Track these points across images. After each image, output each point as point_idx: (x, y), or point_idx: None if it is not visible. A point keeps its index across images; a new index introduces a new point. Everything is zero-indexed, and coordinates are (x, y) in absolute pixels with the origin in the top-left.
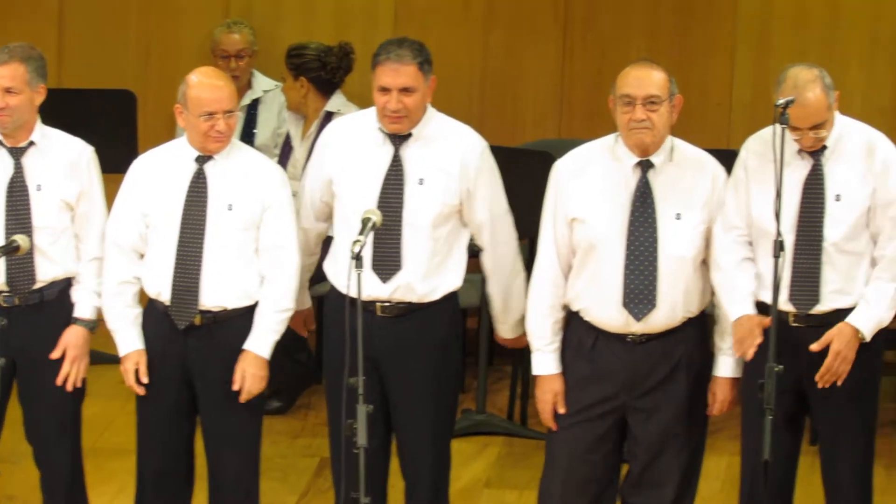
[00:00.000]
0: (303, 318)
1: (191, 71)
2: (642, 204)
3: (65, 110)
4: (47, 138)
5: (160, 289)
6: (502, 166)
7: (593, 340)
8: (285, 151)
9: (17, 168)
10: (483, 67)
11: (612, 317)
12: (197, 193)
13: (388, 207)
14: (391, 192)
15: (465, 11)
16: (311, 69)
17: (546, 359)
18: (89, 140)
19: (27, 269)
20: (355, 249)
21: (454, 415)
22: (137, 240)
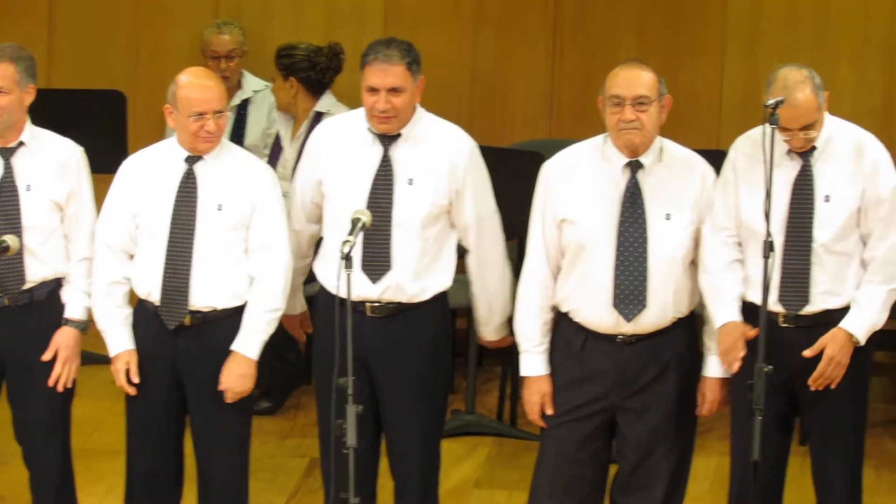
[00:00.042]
0: (299, 322)
1: (180, 71)
2: (632, 204)
3: (54, 110)
4: (37, 138)
5: (150, 289)
6: (492, 167)
7: (583, 341)
8: (275, 152)
9: (7, 168)
10: (473, 67)
11: (603, 317)
12: (187, 194)
13: (377, 208)
14: (381, 192)
15: (455, 11)
16: (300, 69)
17: (534, 360)
18: (79, 140)
19: (17, 270)
20: (345, 250)
21: (444, 415)
22: (127, 240)
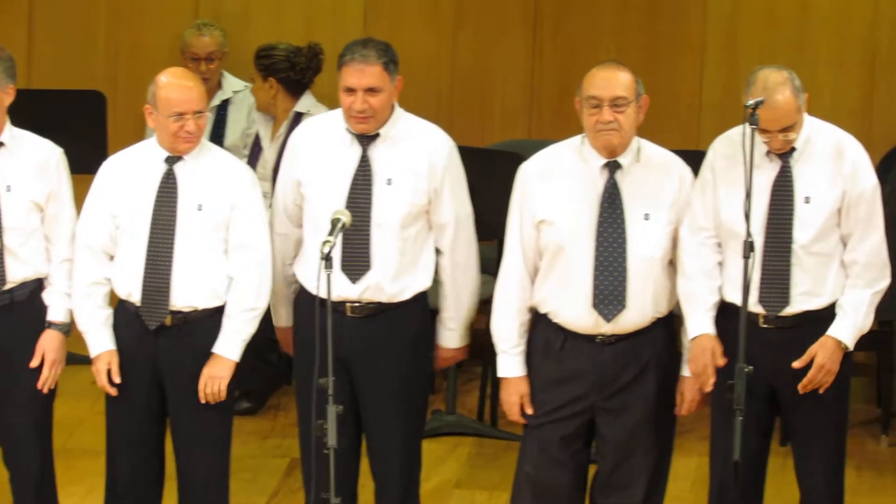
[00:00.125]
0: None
1: (160, 72)
2: (610, 205)
3: (34, 111)
4: (17, 139)
5: (130, 289)
6: (471, 167)
7: (562, 342)
8: (255, 152)
9: None
10: (452, 67)
11: (582, 318)
12: (167, 194)
13: (356, 208)
14: (359, 192)
15: (435, 11)
16: (279, 70)
17: (512, 361)
18: (59, 141)
19: None
20: (325, 250)
21: (424, 415)
22: (107, 241)
